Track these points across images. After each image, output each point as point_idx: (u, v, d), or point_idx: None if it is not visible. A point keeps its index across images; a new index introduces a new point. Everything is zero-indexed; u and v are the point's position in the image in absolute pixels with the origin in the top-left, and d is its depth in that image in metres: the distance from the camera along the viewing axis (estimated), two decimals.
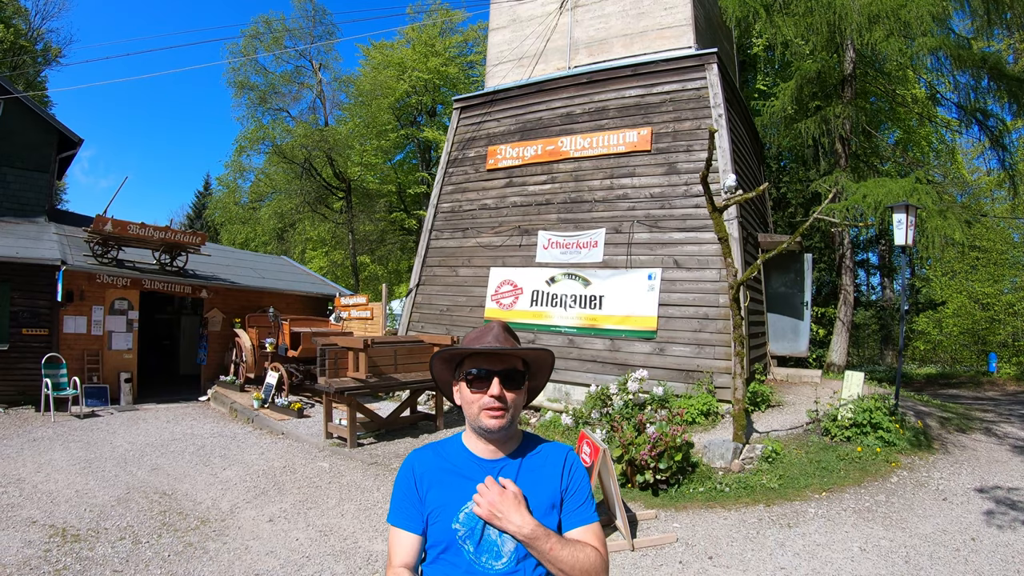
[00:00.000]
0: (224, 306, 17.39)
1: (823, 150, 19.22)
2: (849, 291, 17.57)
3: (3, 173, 16.45)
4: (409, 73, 31.79)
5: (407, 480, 2.17)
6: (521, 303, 13.65)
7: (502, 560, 2.05)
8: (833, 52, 16.97)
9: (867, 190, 12.89)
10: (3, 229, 15.22)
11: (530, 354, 2.22)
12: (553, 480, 2.18)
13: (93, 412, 13.58)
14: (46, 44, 36.43)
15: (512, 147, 14.69)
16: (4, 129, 16.42)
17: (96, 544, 6.60)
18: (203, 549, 6.56)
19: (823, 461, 8.45)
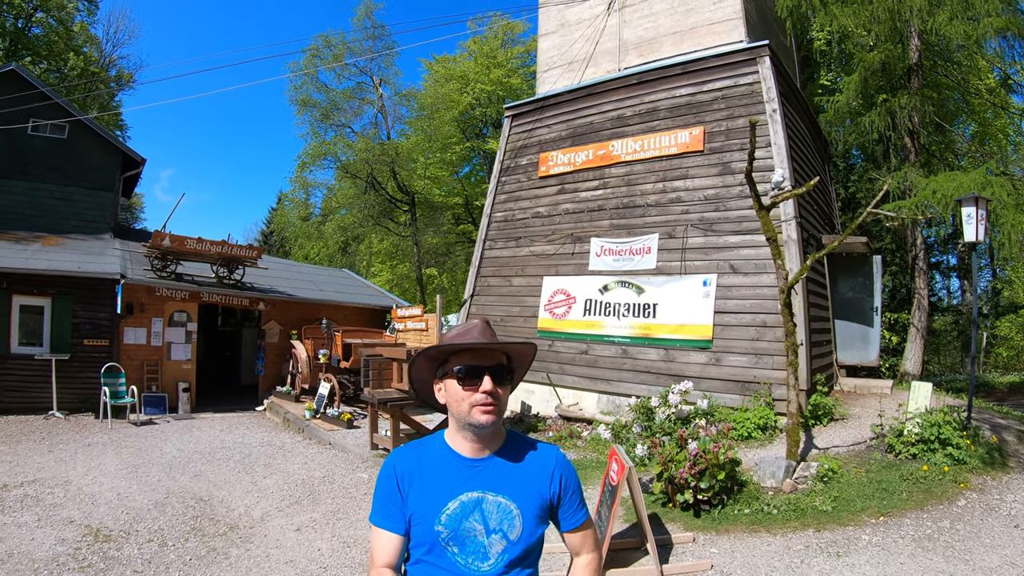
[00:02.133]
0: (281, 318, 17.58)
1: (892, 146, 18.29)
2: (923, 295, 16.61)
3: (70, 192, 17.20)
4: (472, 85, 31.77)
5: (389, 480, 2.11)
6: (574, 312, 13.31)
7: (488, 562, 2.02)
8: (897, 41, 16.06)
9: (937, 185, 12.05)
10: (69, 245, 15.77)
11: (514, 348, 2.20)
12: (540, 481, 2.14)
13: (150, 420, 13.91)
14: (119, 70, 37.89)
15: (563, 153, 14.38)
16: (71, 151, 17.23)
17: (124, 545, 6.75)
18: (225, 555, 6.60)
19: (884, 481, 7.70)
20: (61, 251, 15.23)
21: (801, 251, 10.84)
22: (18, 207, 16.58)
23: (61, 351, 14.04)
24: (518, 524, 2.05)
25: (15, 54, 30.04)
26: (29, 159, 16.83)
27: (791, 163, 11.32)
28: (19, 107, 16.30)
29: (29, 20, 31.24)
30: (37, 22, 31.68)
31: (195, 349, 16.09)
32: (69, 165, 17.27)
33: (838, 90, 17.74)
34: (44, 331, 14.18)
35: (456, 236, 35.42)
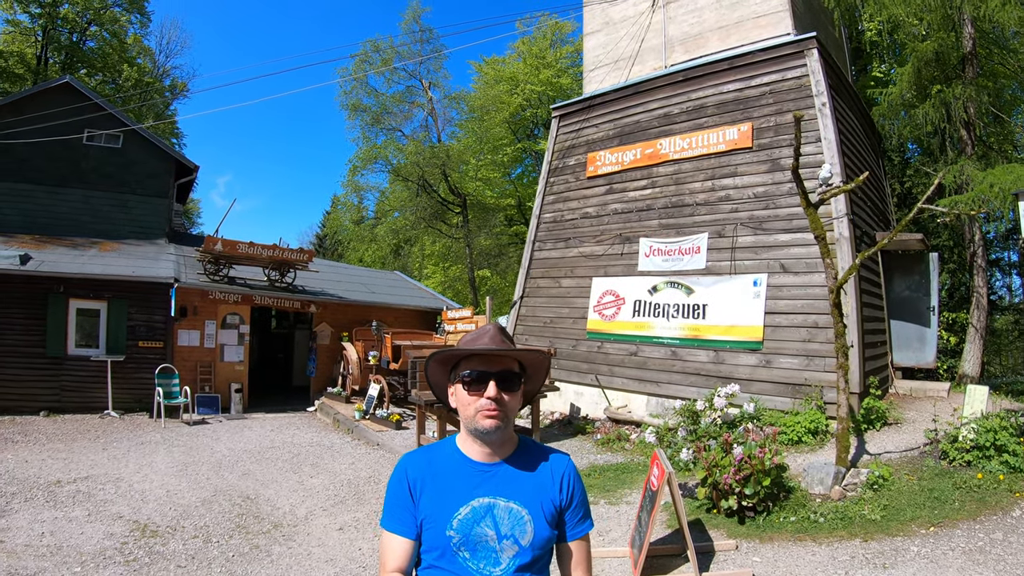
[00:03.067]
0: (332, 320, 17.81)
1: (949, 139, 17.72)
2: (982, 293, 16.01)
3: (125, 199, 17.76)
4: (522, 87, 31.70)
5: (400, 484, 2.11)
6: (623, 314, 13.17)
7: (500, 567, 2.02)
8: (950, 29, 15.49)
9: (994, 178, 11.59)
10: (124, 250, 16.22)
11: (525, 356, 2.18)
12: (550, 489, 2.14)
13: (203, 420, 14.28)
14: (172, 80, 38.94)
15: (611, 152, 14.25)
16: (126, 160, 17.88)
17: (170, 540, 6.93)
18: (267, 552, 6.72)
19: (936, 490, 7.33)
20: (117, 256, 15.66)
21: (853, 249, 10.51)
22: (75, 214, 17.25)
23: (116, 353, 14.50)
24: (529, 529, 2.05)
25: (71, 67, 31.07)
26: (85, 168, 17.47)
27: (842, 158, 11.00)
28: (74, 118, 16.88)
29: (83, 34, 32.30)
30: (91, 36, 32.73)
31: (247, 351, 16.42)
32: (124, 173, 17.87)
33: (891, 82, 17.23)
34: (100, 333, 14.67)
35: (509, 237, 35.45)
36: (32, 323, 14.10)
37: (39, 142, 16.65)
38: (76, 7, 30.29)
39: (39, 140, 16.60)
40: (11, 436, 11.75)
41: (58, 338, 14.22)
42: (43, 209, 16.95)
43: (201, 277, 15.60)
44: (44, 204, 17.01)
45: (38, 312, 14.13)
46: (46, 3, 29.37)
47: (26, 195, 16.87)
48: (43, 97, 17.19)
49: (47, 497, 8.26)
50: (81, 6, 30.33)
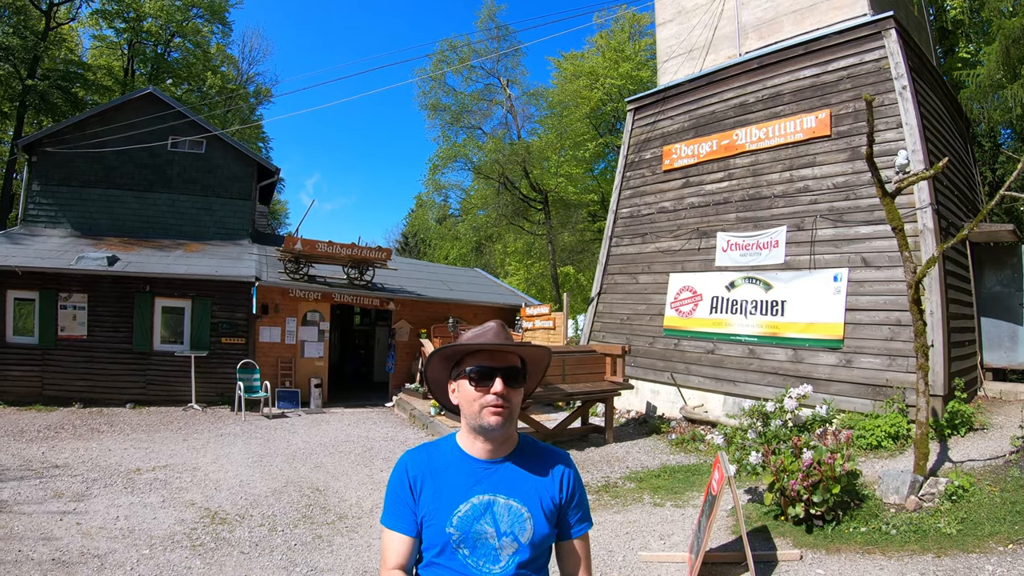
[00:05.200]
0: (411, 317, 18.04)
1: None
2: None
3: (210, 203, 18.46)
4: (601, 81, 31.44)
5: (400, 481, 2.12)
6: (700, 310, 12.90)
7: (499, 564, 2.02)
8: None
9: None
10: (209, 251, 16.79)
11: (528, 352, 2.17)
12: (550, 487, 2.13)
13: (282, 413, 14.65)
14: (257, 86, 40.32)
15: (687, 145, 13.97)
16: (210, 164, 18.61)
17: (237, 528, 7.13)
18: (328, 542, 6.81)
19: (1019, 503, 6.68)
20: (201, 257, 16.22)
21: (938, 241, 9.89)
22: (161, 217, 18.05)
23: (200, 348, 15.07)
24: (529, 527, 2.04)
25: (157, 78, 32.44)
26: (170, 173, 18.27)
27: (924, 144, 10.36)
28: (158, 126, 17.67)
29: (167, 46, 33.71)
30: (175, 47, 34.22)
31: (327, 347, 16.83)
32: (207, 177, 18.60)
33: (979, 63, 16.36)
34: (184, 330, 15.31)
35: (592, 234, 34.95)
36: (120, 320, 14.85)
37: (126, 150, 17.53)
38: (159, 20, 31.68)
39: (126, 148, 17.48)
40: (97, 427, 12.35)
41: (144, 334, 14.91)
42: (131, 213, 17.82)
43: (282, 276, 16.01)
44: (132, 208, 17.88)
45: (126, 310, 14.86)
46: (130, 18, 30.81)
47: (115, 200, 17.80)
48: (129, 107, 18.15)
49: (125, 484, 8.63)
50: (164, 19, 31.71)
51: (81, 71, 29.55)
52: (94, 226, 17.29)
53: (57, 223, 17.24)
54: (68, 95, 27.48)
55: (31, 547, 6.21)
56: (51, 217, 17.29)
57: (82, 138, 17.35)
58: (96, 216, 17.45)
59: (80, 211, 17.45)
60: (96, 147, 17.24)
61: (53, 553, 6.08)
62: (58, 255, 14.93)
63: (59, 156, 17.31)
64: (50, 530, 6.72)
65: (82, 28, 32.50)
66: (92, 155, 17.38)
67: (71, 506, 7.58)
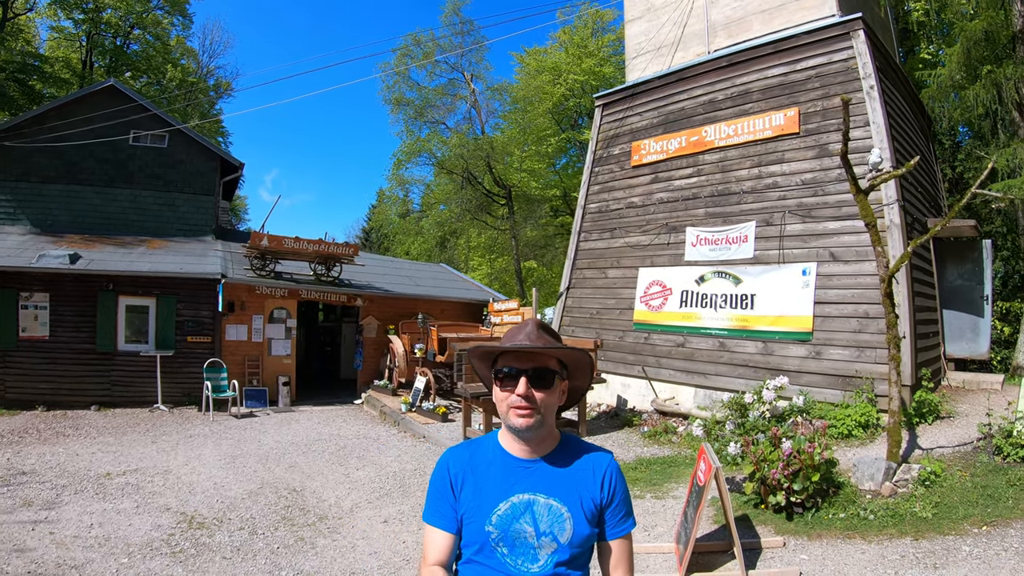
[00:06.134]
0: (379, 313, 17.95)
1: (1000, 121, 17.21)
2: None
3: (172, 198, 18.12)
4: (564, 76, 31.51)
5: (442, 478, 2.15)
6: (670, 304, 13.03)
7: (538, 563, 2.02)
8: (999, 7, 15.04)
9: None
10: (172, 248, 16.51)
11: (566, 354, 2.15)
12: (591, 487, 2.12)
13: (251, 413, 14.46)
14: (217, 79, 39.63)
15: (655, 141, 14.08)
16: (172, 159, 18.26)
17: (216, 532, 6.99)
18: (311, 544, 6.75)
19: (989, 487, 7.04)
20: (164, 254, 15.93)
21: (905, 237, 10.20)
22: (123, 213, 17.66)
23: (165, 348, 14.78)
24: (568, 527, 2.04)
25: (116, 70, 31.80)
26: (132, 168, 17.85)
27: (891, 143, 10.68)
28: (120, 120, 17.24)
29: (127, 37, 33.00)
30: (135, 39, 33.53)
31: (295, 344, 16.63)
32: (170, 172, 18.23)
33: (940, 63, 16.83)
34: (149, 329, 14.99)
35: (555, 228, 35.26)
36: (83, 320, 14.48)
37: (86, 144, 17.09)
38: (119, 12, 30.98)
39: (86, 142, 17.03)
40: (63, 430, 12.02)
41: (108, 334, 14.58)
42: (92, 209, 17.37)
43: (248, 272, 15.77)
44: (93, 204, 17.43)
45: (89, 309, 14.49)
46: (89, 9, 30.10)
47: (76, 196, 17.31)
48: (89, 100, 17.63)
49: (96, 489, 8.42)
50: (123, 10, 31.01)
51: (38, 63, 28.90)
52: (54, 223, 16.82)
53: (16, 220, 16.73)
54: (25, 88, 26.86)
55: (4, 560, 6.05)
56: (9, 214, 16.77)
57: (40, 132, 16.83)
58: (56, 213, 16.98)
59: (40, 208, 16.95)
60: (55, 141, 16.79)
61: (28, 566, 5.92)
62: (18, 253, 14.51)
63: (17, 151, 16.79)
64: (23, 541, 6.54)
65: (40, 19, 31.64)
66: (51, 150, 16.88)
67: (42, 515, 7.38)
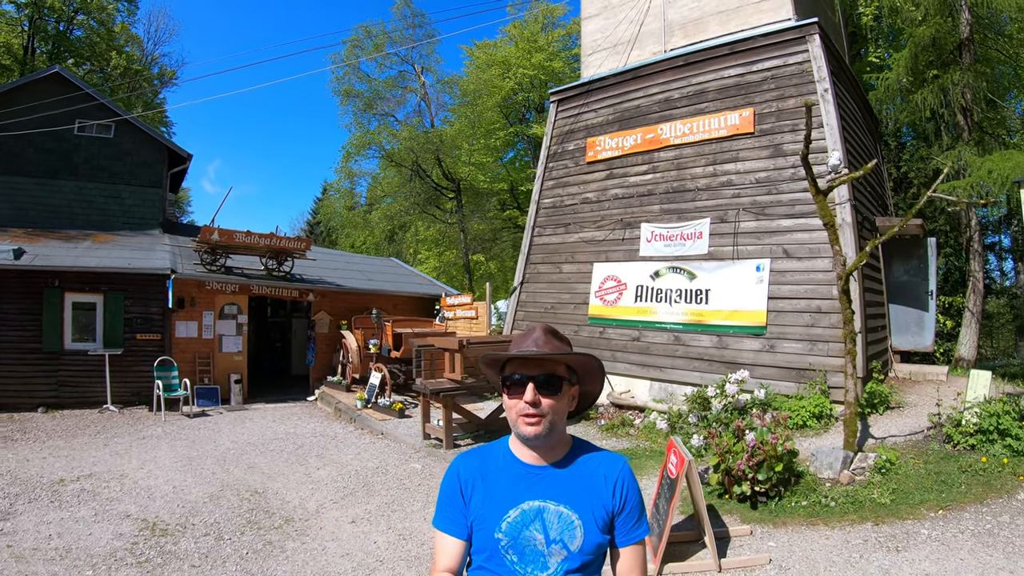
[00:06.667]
0: (331, 308, 17.71)
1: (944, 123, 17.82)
2: (978, 278, 16.14)
3: (118, 190, 17.61)
4: (514, 71, 31.48)
5: (452, 484, 2.14)
6: (625, 299, 13.18)
7: (548, 571, 2.00)
8: (947, 15, 15.61)
9: (992, 164, 11.71)
10: (119, 242, 16.06)
11: (573, 359, 2.11)
12: (603, 493, 2.08)
13: (203, 412, 14.16)
14: (161, 68, 38.61)
15: (611, 138, 14.21)
16: (118, 150, 17.66)
17: (181, 539, 6.80)
18: (281, 548, 6.64)
19: (942, 473, 7.47)
20: (111, 248, 15.50)
21: (856, 235, 10.58)
22: (67, 206, 17.07)
23: (114, 346, 14.35)
24: (579, 535, 2.01)
25: (58, 57, 30.76)
26: (77, 159, 17.24)
27: (844, 144, 11.03)
28: (64, 109, 16.64)
29: (71, 23, 31.89)
30: (78, 24, 32.36)
31: (246, 341, 16.33)
32: (116, 163, 17.67)
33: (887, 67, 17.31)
34: (97, 327, 14.53)
35: (502, 222, 35.27)
36: (28, 318, 13.94)
37: (29, 134, 16.43)
38: None
39: (29, 132, 16.39)
40: (10, 434, 11.55)
41: (54, 333, 14.08)
42: (35, 202, 16.71)
43: (198, 267, 15.45)
44: (36, 197, 16.76)
45: (34, 307, 13.97)
46: None
47: (17, 188, 16.60)
48: (32, 88, 16.95)
49: (51, 497, 8.12)
50: None
51: None
52: None
53: None
54: None
55: None
56: None
57: None
58: None
59: None
60: None
61: None
62: None
63: None
64: None
65: None
66: None
67: None
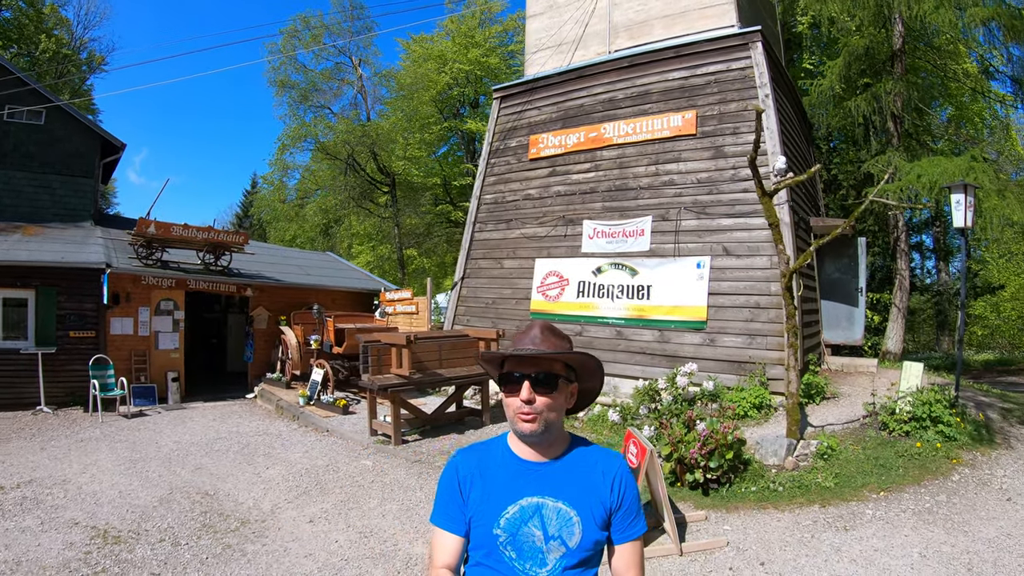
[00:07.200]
0: (269, 304, 17.41)
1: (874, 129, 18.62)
2: (904, 275, 16.98)
3: (49, 180, 16.85)
4: (450, 65, 31.53)
5: (451, 480, 2.14)
6: (567, 295, 13.40)
7: (546, 568, 2.01)
8: (881, 27, 16.33)
9: (921, 169, 12.36)
10: (50, 235, 15.45)
11: (570, 358, 2.11)
12: (600, 490, 2.10)
13: (141, 412, 13.69)
14: (90, 53, 37.26)
15: (554, 135, 14.41)
16: (49, 138, 16.87)
17: (136, 546, 6.54)
18: (241, 551, 6.46)
19: (881, 458, 8.01)
20: (42, 241, 14.89)
21: (794, 234, 11.06)
22: None
23: (47, 344, 13.73)
24: (577, 531, 2.02)
25: None
26: (5, 147, 16.38)
27: (783, 147, 11.48)
28: None
29: None
30: (7, 5, 31.02)
31: (182, 337, 15.86)
32: (47, 152, 16.86)
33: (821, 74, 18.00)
34: (28, 324, 13.83)
35: (434, 217, 35.33)
36: None
37: None
38: None
39: None
40: None
41: None
42: None
43: (133, 261, 14.92)
44: None
45: None
46: None
47: None
48: None
49: None
50: None
51: None
52: None
53: None
54: None
55: None
56: None
57: None
58: None
59: None
60: None
61: None
62: None
63: None
64: None
65: None
66: None
67: None
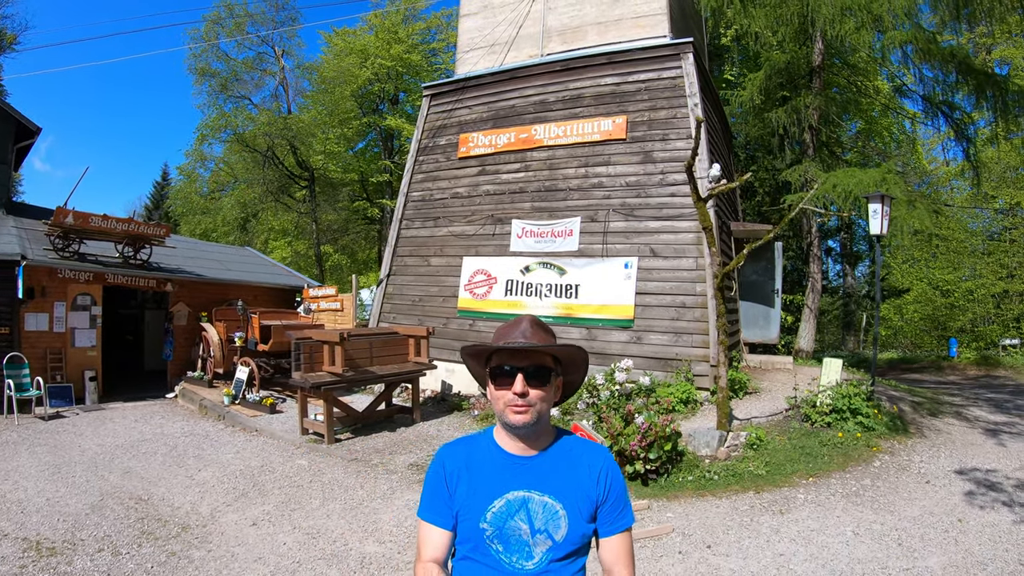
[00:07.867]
0: (190, 299, 16.88)
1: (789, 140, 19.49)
2: (817, 279, 17.86)
3: None
4: (371, 60, 31.41)
5: (437, 475, 2.16)
6: (495, 293, 13.59)
7: (532, 561, 2.04)
8: (802, 43, 17.17)
9: (837, 180, 13.08)
10: None
11: (560, 351, 2.17)
12: (587, 483, 2.14)
13: (58, 413, 13.08)
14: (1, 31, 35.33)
15: (484, 135, 14.57)
16: None
17: (74, 557, 6.20)
18: (187, 558, 6.24)
19: (806, 447, 8.58)
20: None
21: (718, 237, 11.50)
22: None
23: None
24: (563, 525, 2.06)
25: None
26: None
27: (709, 154, 11.99)
28: None
29: None
30: None
31: (99, 334, 15.20)
32: None
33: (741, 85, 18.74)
34: None
35: (351, 213, 35.16)
36: None
37: None
38: None
39: None
40: None
41: None
42: None
43: (49, 253, 14.18)
44: None
45: None
46: None
47: None
48: None
49: None
50: None
51: None
52: None
53: None
54: None
55: None
56: None
57: None
58: None
59: None
60: None
61: None
62: None
63: None
64: None
65: None
66: None
67: None
